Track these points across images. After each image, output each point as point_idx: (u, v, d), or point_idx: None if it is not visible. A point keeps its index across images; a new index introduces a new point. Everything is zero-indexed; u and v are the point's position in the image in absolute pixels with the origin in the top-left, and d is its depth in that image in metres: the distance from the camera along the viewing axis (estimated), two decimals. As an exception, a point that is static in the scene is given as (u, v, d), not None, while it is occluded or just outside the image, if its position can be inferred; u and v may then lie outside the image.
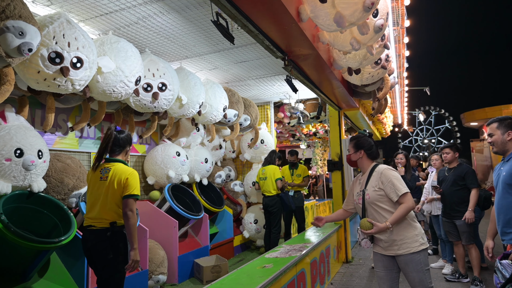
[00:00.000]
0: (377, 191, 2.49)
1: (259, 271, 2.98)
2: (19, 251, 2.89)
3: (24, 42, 2.49)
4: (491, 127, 2.48)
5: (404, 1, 5.11)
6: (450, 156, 4.43)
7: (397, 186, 2.43)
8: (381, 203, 2.48)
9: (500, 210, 2.37)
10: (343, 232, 5.66)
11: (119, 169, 2.65)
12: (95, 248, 2.61)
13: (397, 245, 2.45)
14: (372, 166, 2.62)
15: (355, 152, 2.67)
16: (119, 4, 3.27)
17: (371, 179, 2.55)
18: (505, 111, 16.12)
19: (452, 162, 4.45)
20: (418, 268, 2.42)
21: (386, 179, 2.47)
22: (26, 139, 3.09)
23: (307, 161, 14.28)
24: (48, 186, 3.44)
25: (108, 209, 2.61)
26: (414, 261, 2.42)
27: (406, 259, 2.43)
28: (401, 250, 2.44)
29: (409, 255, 2.42)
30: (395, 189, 2.43)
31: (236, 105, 5.73)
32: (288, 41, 3.17)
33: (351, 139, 2.73)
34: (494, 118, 2.53)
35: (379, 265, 2.59)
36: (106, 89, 3.48)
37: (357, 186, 2.71)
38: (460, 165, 4.39)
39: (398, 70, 7.31)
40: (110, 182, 2.62)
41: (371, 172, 2.58)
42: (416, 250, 2.42)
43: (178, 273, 4.55)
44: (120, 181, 2.61)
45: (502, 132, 2.41)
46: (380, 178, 2.50)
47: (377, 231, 2.44)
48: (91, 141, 4.39)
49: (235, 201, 6.53)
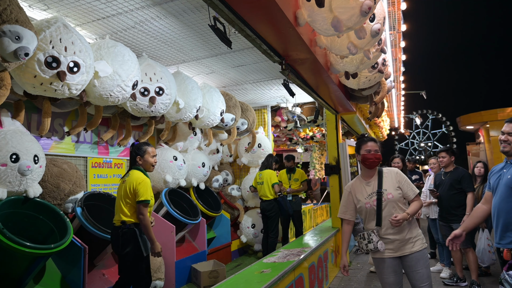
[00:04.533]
0: (397, 190, 2.60)
1: (257, 276, 2.97)
2: (14, 257, 2.85)
3: (20, 47, 2.48)
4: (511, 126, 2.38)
5: (400, 6, 5.15)
6: (446, 160, 4.45)
7: (412, 186, 2.65)
8: (399, 201, 2.60)
9: (499, 213, 2.32)
10: (341, 236, 5.65)
11: (132, 176, 3.13)
12: (112, 243, 3.16)
13: (412, 243, 2.55)
14: (377, 168, 2.72)
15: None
16: (116, 8, 3.26)
17: (386, 180, 2.63)
18: (500, 115, 16.19)
19: (448, 166, 4.47)
20: (427, 264, 2.58)
21: (403, 178, 2.65)
22: (22, 144, 3.07)
23: (305, 165, 14.29)
24: (44, 191, 3.41)
25: (120, 209, 3.09)
26: (424, 257, 2.57)
27: (418, 256, 2.54)
28: (416, 247, 2.55)
29: (422, 251, 2.55)
30: (411, 188, 2.62)
31: (233, 109, 5.73)
32: (285, 45, 3.17)
33: (374, 139, 2.79)
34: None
35: (389, 271, 2.59)
36: (103, 93, 3.46)
37: (363, 190, 2.69)
38: (457, 169, 4.40)
39: (394, 74, 7.36)
40: (124, 186, 3.11)
41: (380, 174, 2.67)
42: (425, 247, 2.60)
43: (176, 278, 4.51)
44: (131, 187, 3.07)
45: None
46: (396, 177, 2.64)
47: (404, 218, 2.49)
48: (87, 146, 4.36)
49: (233, 206, 6.51)
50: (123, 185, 3.13)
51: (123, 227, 3.05)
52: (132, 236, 3.04)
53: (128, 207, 3.08)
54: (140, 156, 3.25)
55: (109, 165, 4.64)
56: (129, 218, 3.08)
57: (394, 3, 5.09)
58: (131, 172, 3.20)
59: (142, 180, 3.09)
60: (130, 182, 3.08)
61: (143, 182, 3.08)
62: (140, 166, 3.25)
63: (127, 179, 3.13)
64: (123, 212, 3.07)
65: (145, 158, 3.26)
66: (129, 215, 3.07)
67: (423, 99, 14.57)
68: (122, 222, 3.07)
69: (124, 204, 3.08)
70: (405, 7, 5.17)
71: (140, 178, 3.10)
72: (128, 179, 3.13)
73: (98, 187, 4.43)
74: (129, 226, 3.06)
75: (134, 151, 3.27)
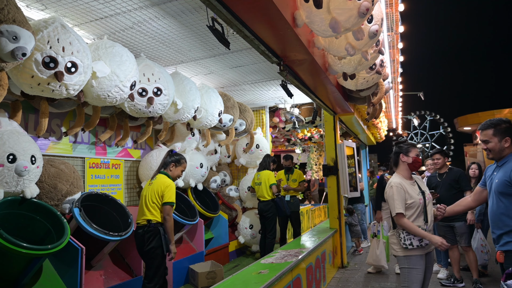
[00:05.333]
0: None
1: (255, 277, 2.97)
2: (11, 258, 2.84)
3: (18, 47, 2.47)
4: (486, 134, 2.34)
5: (398, 7, 5.17)
6: (441, 161, 4.55)
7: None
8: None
9: (493, 217, 2.34)
10: (339, 237, 5.65)
11: (159, 180, 3.43)
12: (137, 241, 3.38)
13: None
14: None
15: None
16: (114, 8, 3.26)
17: (419, 182, 2.89)
18: (497, 116, 16.26)
19: (442, 168, 4.55)
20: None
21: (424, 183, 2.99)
22: (19, 144, 3.06)
23: (302, 165, 14.30)
24: (41, 192, 3.40)
25: (147, 209, 3.35)
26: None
27: (432, 253, 2.86)
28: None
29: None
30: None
31: (232, 110, 5.73)
32: (283, 46, 3.17)
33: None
34: (487, 122, 2.37)
35: (421, 268, 2.71)
36: (100, 94, 3.46)
37: (412, 188, 2.80)
38: (451, 169, 4.47)
39: (392, 75, 7.38)
40: (152, 188, 3.40)
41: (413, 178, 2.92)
42: None
43: (173, 279, 4.51)
44: (159, 189, 3.35)
45: (499, 139, 2.29)
46: (423, 182, 2.97)
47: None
48: (85, 146, 4.35)
49: (230, 206, 6.50)
50: (150, 187, 3.41)
51: (148, 226, 3.32)
52: (157, 233, 3.32)
53: (154, 208, 3.35)
54: (175, 165, 3.57)
55: (107, 165, 4.63)
56: (155, 218, 3.34)
57: (392, 4, 5.10)
58: (158, 176, 3.50)
59: (169, 184, 3.40)
60: (158, 185, 3.37)
61: (170, 186, 3.38)
62: (168, 172, 3.54)
63: (154, 182, 3.43)
64: (150, 211, 3.34)
65: (177, 168, 3.60)
66: (155, 214, 3.34)
67: (421, 100, 14.62)
68: (148, 220, 3.32)
69: (151, 204, 3.35)
70: (403, 8, 5.19)
71: (167, 182, 3.41)
72: (155, 182, 3.43)
73: (95, 187, 4.41)
74: (155, 225, 3.32)
75: (173, 159, 3.58)
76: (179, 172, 3.61)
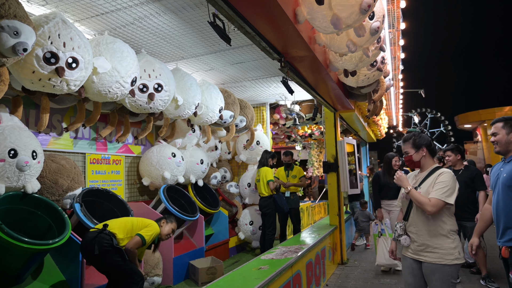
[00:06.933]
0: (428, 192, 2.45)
1: (255, 273, 2.98)
2: (12, 253, 2.85)
3: (19, 42, 2.47)
4: (496, 126, 2.43)
5: (400, 4, 5.15)
6: (452, 158, 4.47)
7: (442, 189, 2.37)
8: None
9: (500, 212, 2.35)
10: (338, 233, 5.67)
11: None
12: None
13: (429, 252, 2.37)
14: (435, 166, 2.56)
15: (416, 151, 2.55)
16: (115, 4, 3.25)
17: (429, 179, 2.46)
18: (498, 114, 16.27)
19: (456, 165, 4.48)
20: (444, 279, 2.33)
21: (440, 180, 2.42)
22: (20, 139, 3.06)
23: (303, 162, 14.31)
24: (42, 187, 3.41)
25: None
26: (442, 271, 2.33)
27: (433, 268, 2.35)
28: (431, 258, 2.35)
29: (439, 265, 2.32)
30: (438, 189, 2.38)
31: (232, 106, 5.73)
32: (284, 42, 3.17)
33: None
34: (500, 117, 2.47)
35: (407, 271, 2.51)
36: (101, 89, 3.46)
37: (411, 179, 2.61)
38: (468, 167, 4.42)
39: (393, 72, 7.37)
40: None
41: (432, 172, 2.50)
42: (448, 263, 2.31)
43: (174, 275, 4.52)
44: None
45: (507, 132, 2.37)
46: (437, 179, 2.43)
47: (402, 178, 2.46)
48: (86, 142, 4.36)
49: (231, 203, 6.52)
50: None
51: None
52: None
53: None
54: (166, 221, 3.47)
55: (108, 161, 4.64)
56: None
57: (394, 1, 5.09)
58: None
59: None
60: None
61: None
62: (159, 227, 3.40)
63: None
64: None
65: (164, 228, 3.43)
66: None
67: (422, 97, 14.62)
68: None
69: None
70: (404, 5, 5.17)
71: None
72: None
73: (96, 183, 4.42)
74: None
75: (158, 222, 3.42)
76: (164, 232, 3.43)
